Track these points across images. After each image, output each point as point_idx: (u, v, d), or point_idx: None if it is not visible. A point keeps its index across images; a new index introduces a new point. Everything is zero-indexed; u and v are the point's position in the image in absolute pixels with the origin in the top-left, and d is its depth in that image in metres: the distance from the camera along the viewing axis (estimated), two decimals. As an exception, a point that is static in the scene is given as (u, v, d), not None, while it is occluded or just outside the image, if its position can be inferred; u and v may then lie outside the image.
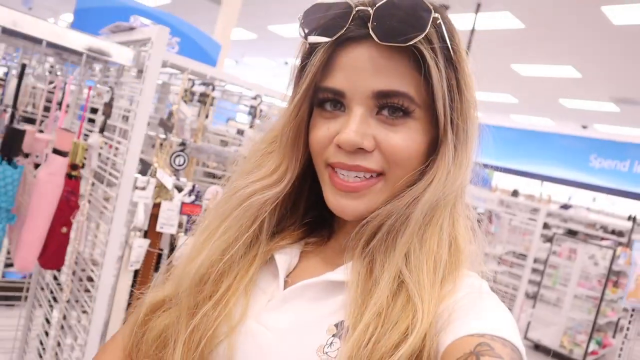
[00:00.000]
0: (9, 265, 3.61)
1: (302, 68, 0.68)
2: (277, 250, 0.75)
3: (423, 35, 0.60)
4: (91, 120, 1.94)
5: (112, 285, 1.62)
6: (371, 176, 0.65)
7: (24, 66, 1.45)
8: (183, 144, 1.74)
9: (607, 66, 7.86)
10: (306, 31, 0.67)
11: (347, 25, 0.63)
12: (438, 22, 0.62)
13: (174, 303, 0.73)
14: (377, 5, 0.61)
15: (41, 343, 2.10)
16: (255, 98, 2.08)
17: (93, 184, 1.79)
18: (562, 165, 13.08)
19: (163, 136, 1.72)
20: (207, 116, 1.99)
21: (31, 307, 2.26)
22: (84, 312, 1.71)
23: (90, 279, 1.70)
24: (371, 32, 0.61)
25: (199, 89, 2.02)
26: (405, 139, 0.64)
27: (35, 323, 2.30)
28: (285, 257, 0.74)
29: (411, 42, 0.60)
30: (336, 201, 0.67)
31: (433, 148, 0.66)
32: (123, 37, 1.70)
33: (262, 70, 15.20)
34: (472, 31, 6.82)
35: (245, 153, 0.79)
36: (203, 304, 0.70)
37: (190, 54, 2.05)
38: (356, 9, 0.63)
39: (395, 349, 0.56)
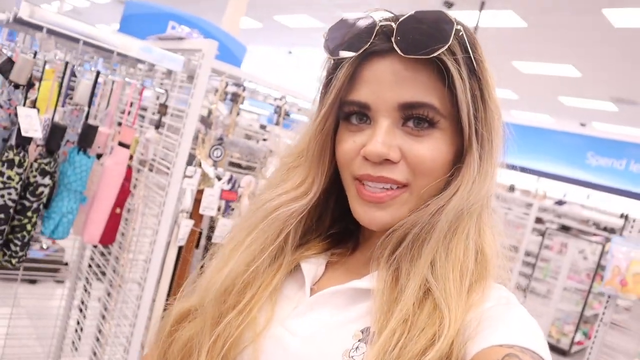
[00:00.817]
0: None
1: (327, 83, 0.70)
2: (303, 260, 0.76)
3: (446, 47, 0.60)
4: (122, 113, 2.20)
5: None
6: (397, 187, 0.66)
7: (98, 73, 1.71)
8: (220, 138, 2.01)
9: (607, 67, 8.03)
10: (331, 47, 0.68)
11: (371, 40, 0.64)
12: (460, 33, 0.63)
13: (199, 313, 0.74)
14: (400, 20, 0.63)
15: (86, 308, 2.37)
16: (280, 99, 2.33)
17: (139, 171, 2.06)
18: (559, 161, 13.21)
19: (204, 132, 1.98)
20: (238, 113, 2.24)
21: (75, 280, 2.54)
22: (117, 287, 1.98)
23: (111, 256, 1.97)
24: (395, 45, 0.62)
25: (230, 89, 2.27)
26: (431, 149, 0.64)
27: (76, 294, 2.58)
28: (311, 266, 0.75)
29: (435, 54, 0.61)
30: (363, 212, 0.67)
31: (458, 158, 0.67)
32: (172, 45, 1.95)
33: (266, 59, 15.36)
34: (476, 28, 7.02)
35: (274, 154, 0.86)
36: (227, 313, 0.70)
37: (219, 55, 2.30)
38: (380, 24, 0.65)
39: (422, 354, 0.56)
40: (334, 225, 0.81)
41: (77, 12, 15.62)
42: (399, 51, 0.62)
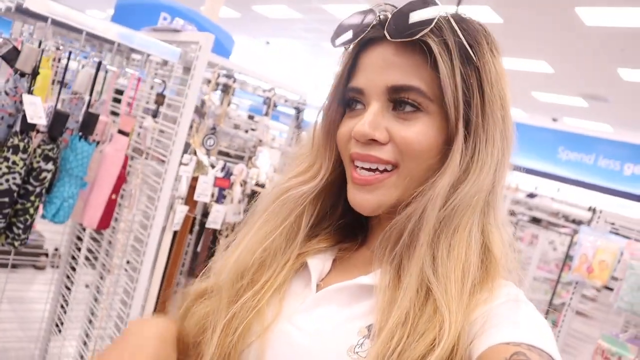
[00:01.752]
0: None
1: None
2: (310, 256, 0.77)
3: (428, 29, 0.62)
4: (116, 100, 2.25)
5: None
6: (385, 169, 0.67)
7: (99, 63, 1.76)
8: (213, 128, 2.08)
9: (578, 63, 8.24)
10: (335, 39, 0.72)
11: (368, 29, 0.68)
12: (447, 18, 0.65)
13: (215, 292, 0.76)
14: (395, 10, 0.67)
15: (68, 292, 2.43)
16: (269, 90, 2.41)
17: (132, 159, 2.12)
18: (531, 155, 13.46)
19: (198, 121, 2.05)
20: (229, 104, 2.31)
21: (65, 265, 2.59)
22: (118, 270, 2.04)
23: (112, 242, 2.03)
24: (385, 31, 0.66)
25: (221, 80, 2.34)
26: (418, 132, 0.65)
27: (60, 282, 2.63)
28: (318, 262, 0.76)
29: (417, 36, 0.63)
30: (353, 195, 0.69)
31: (451, 144, 0.66)
32: (169, 37, 2.01)
33: (244, 49, 15.27)
34: (453, 23, 7.14)
35: (264, 143, 0.90)
36: (243, 292, 0.72)
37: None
38: (378, 14, 0.69)
39: None
40: (346, 215, 0.81)
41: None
42: (387, 36, 0.65)
